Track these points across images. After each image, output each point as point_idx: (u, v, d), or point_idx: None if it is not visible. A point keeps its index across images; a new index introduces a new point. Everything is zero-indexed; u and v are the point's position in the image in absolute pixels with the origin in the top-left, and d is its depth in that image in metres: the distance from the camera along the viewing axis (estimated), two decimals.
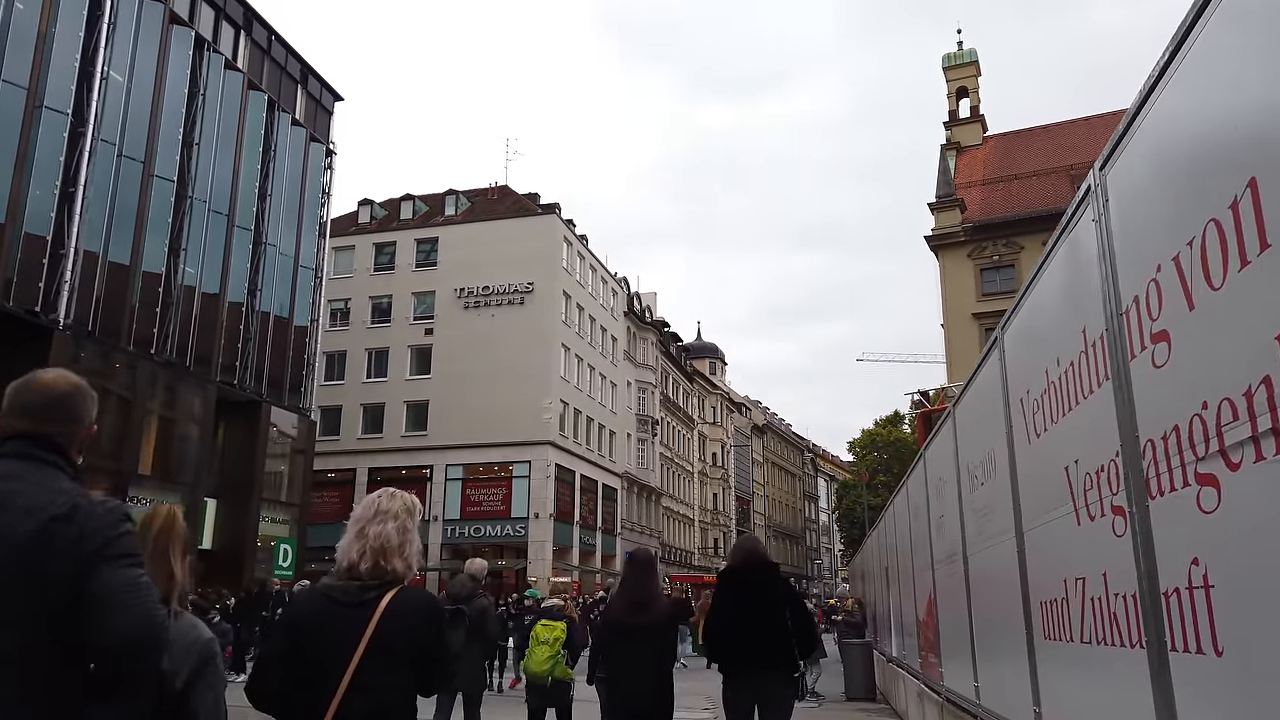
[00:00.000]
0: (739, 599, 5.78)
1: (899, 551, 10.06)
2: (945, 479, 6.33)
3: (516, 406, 41.10)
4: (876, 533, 13.95)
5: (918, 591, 8.41)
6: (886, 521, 11.82)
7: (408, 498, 2.99)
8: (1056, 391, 3.37)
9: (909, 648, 9.57)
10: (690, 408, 69.80)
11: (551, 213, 45.60)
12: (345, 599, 2.71)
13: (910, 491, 8.77)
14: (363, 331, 45.18)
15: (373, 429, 43.88)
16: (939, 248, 42.65)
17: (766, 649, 5.58)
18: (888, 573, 12.02)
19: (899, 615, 10.62)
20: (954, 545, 6.01)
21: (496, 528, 41.10)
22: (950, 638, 6.59)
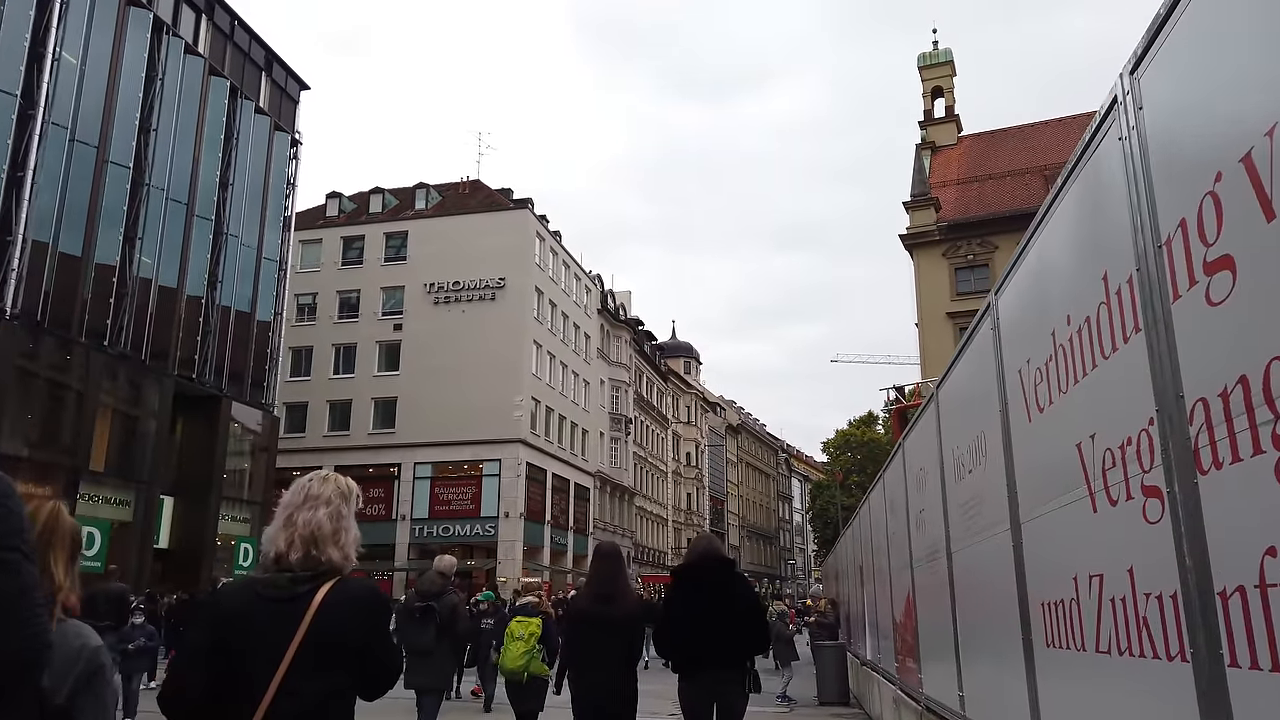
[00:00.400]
0: (693, 597, 5.68)
1: (875, 549, 9.59)
2: (927, 470, 5.84)
3: (487, 404, 40.39)
4: (851, 530, 13.50)
5: (895, 591, 7.93)
6: (862, 518, 11.36)
7: (343, 481, 2.75)
8: (1067, 356, 2.87)
9: (885, 650, 9.09)
10: (664, 407, 69.34)
11: (524, 208, 44.92)
12: (274, 593, 2.45)
13: (887, 486, 8.29)
14: (330, 327, 44.26)
15: (339, 426, 42.99)
16: (914, 247, 42.60)
17: (721, 647, 5.51)
18: (862, 572, 11.56)
19: (874, 616, 10.15)
20: (936, 542, 5.52)
21: (466, 527, 40.37)
22: (931, 641, 6.11)
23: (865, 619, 11.36)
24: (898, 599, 7.70)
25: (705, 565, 5.83)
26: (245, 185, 32.07)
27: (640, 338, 64.11)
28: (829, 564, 23.86)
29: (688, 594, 5.73)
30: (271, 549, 2.55)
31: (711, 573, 5.78)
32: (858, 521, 11.92)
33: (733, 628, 5.55)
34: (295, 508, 2.59)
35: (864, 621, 11.57)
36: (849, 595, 14.68)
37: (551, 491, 44.57)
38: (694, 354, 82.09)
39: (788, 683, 13.77)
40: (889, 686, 8.76)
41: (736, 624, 5.57)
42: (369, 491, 41.68)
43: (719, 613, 5.56)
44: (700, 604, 5.60)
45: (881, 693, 9.42)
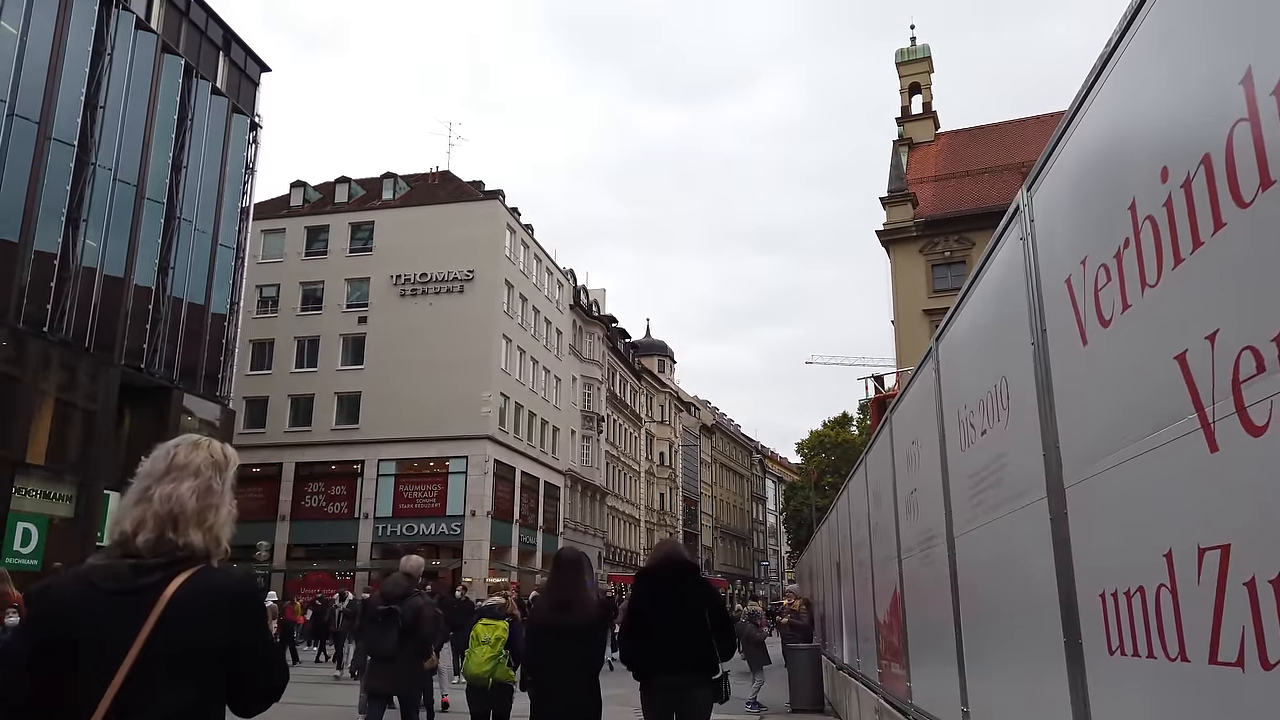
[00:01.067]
0: (656, 600, 5.58)
1: (855, 543, 8.71)
2: (921, 442, 4.95)
3: (454, 399, 39.28)
4: (827, 525, 12.63)
5: (878, 588, 7.05)
6: (839, 510, 10.48)
7: (218, 448, 2.33)
8: (1155, 235, 1.97)
9: (865, 654, 8.21)
10: (638, 405, 68.44)
11: (494, 199, 43.82)
12: (113, 585, 2.00)
13: (870, 470, 7.41)
14: (292, 319, 42.93)
15: (301, 421, 41.68)
16: (890, 243, 42.20)
17: (684, 652, 5.40)
18: (839, 568, 10.69)
19: (852, 616, 9.28)
20: (933, 527, 4.63)
21: (431, 526, 39.21)
22: (924, 645, 5.22)
23: (842, 620, 10.49)
24: (881, 596, 6.82)
25: (668, 569, 5.70)
26: (201, 169, 30.78)
27: (614, 335, 63.17)
28: (803, 563, 23.01)
29: (650, 598, 5.61)
30: (116, 529, 2.09)
31: (674, 577, 5.63)
32: (834, 514, 11.04)
33: (696, 633, 5.41)
34: (154, 479, 2.13)
35: (840, 622, 10.70)
36: (824, 595, 13.82)
37: (520, 490, 43.51)
38: (668, 353, 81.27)
39: (759, 688, 12.87)
40: (870, 695, 7.88)
41: (698, 628, 5.43)
42: (331, 489, 40.53)
43: (682, 618, 5.43)
44: (663, 609, 5.48)
45: (861, 700, 8.54)
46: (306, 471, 40.86)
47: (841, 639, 10.67)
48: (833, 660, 12.11)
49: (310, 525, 40.01)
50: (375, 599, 7.74)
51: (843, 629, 10.48)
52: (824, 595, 13.91)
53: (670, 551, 5.98)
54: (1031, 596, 2.97)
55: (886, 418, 6.31)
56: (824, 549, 13.43)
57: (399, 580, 7.61)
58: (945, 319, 4.36)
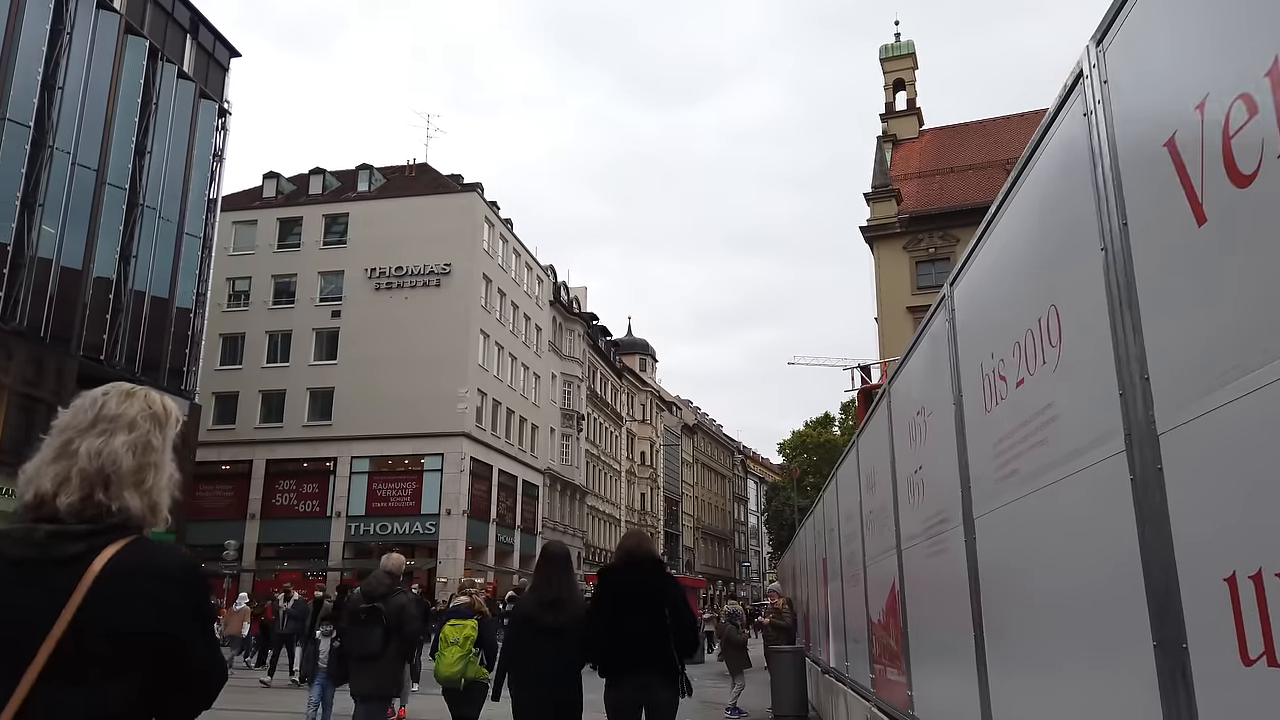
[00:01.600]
0: (619, 599, 5.45)
1: (844, 535, 7.99)
2: (931, 408, 4.23)
3: (430, 396, 38.39)
4: (812, 520, 11.91)
5: (872, 585, 6.34)
6: (827, 502, 9.77)
7: (156, 398, 1.86)
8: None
9: (855, 657, 7.50)
10: (619, 404, 67.68)
11: (472, 191, 42.94)
12: (26, 553, 1.58)
13: (863, 454, 6.69)
14: (264, 313, 41.88)
15: (272, 418, 40.64)
16: (874, 239, 41.80)
17: (650, 651, 5.27)
18: (825, 565, 9.98)
19: (840, 616, 8.57)
20: (943, 510, 3.92)
21: (405, 525, 38.28)
22: (929, 647, 4.50)
23: (829, 620, 9.77)
24: (876, 594, 6.10)
25: (632, 565, 5.56)
26: (166, 156, 29.79)
27: (595, 333, 62.40)
28: (785, 563, 22.33)
29: (614, 595, 5.48)
30: (30, 489, 1.67)
31: (639, 573, 5.51)
32: (821, 507, 10.32)
33: (662, 631, 5.28)
34: (78, 431, 1.71)
35: (827, 623, 9.98)
36: (808, 594, 13.12)
37: (498, 488, 42.65)
38: (650, 351, 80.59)
39: (739, 693, 12.12)
40: (861, 702, 7.17)
41: (664, 625, 5.29)
42: (302, 487, 39.57)
43: (646, 614, 5.30)
44: (627, 605, 5.36)
45: (849, 708, 7.82)
46: (277, 469, 39.85)
47: (828, 641, 9.96)
48: (817, 663, 11.40)
49: (281, 524, 39.00)
50: (356, 598, 7.55)
51: (829, 630, 9.77)
52: (808, 595, 13.21)
53: (635, 546, 5.75)
54: (1095, 585, 2.26)
55: (884, 390, 5.59)
56: (808, 545, 12.73)
57: (381, 578, 7.41)
58: (963, 258, 3.63)
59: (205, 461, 39.05)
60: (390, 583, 7.34)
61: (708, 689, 15.25)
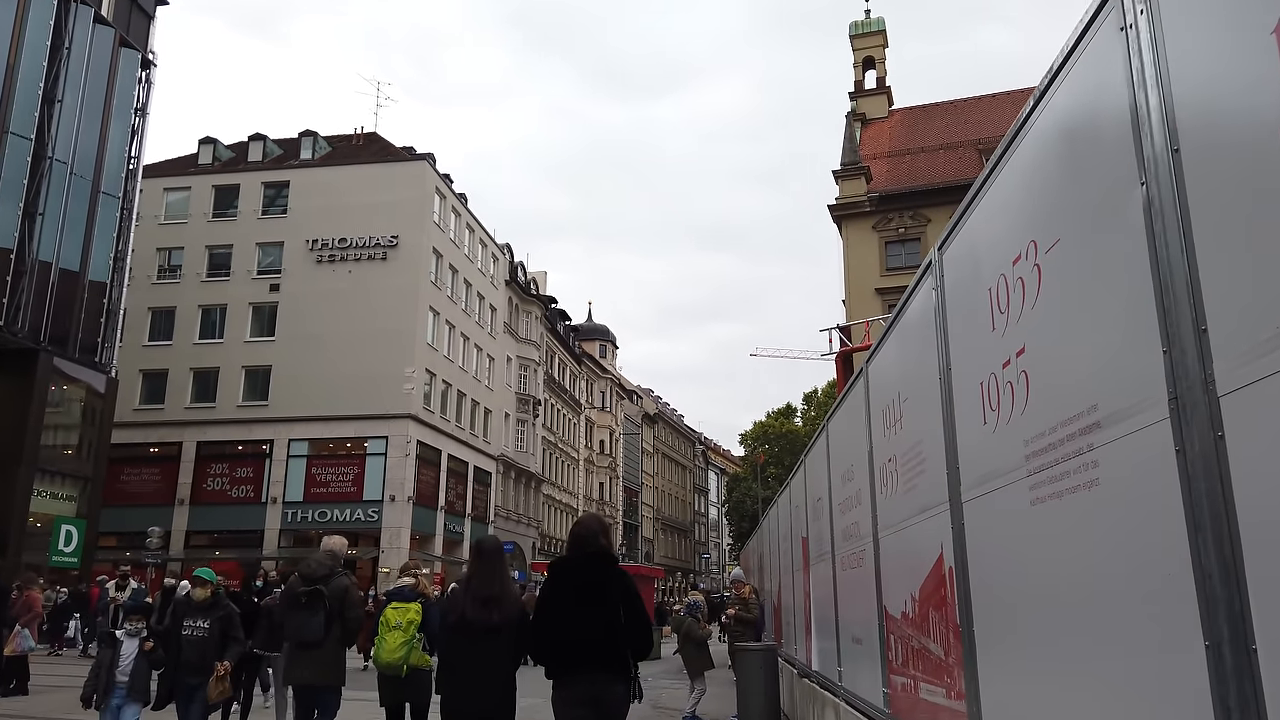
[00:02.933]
0: (568, 594, 5.05)
1: (840, 503, 6.16)
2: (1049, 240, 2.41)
3: (374, 375, 36.12)
4: (789, 493, 10.08)
5: (889, 562, 4.52)
6: (813, 464, 7.93)
7: None
8: None
9: (855, 663, 5.69)
10: (577, 391, 65.68)
11: (423, 160, 40.58)
12: None
13: (875, 384, 4.86)
14: (196, 286, 39.23)
15: (204, 397, 38.05)
16: (843, 218, 40.55)
17: (601, 650, 4.92)
18: (807, 546, 8.17)
19: (829, 609, 6.77)
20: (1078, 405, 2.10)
21: (346, 512, 35.97)
22: (1023, 653, 2.67)
23: (811, 613, 7.96)
24: (899, 575, 4.27)
25: (581, 558, 5.22)
26: (80, 107, 27.18)
27: (553, 316, 60.28)
28: (750, 550, 20.56)
29: (563, 590, 5.13)
30: None
31: (587, 566, 5.16)
32: (803, 474, 8.46)
33: (613, 629, 4.95)
34: None
35: (808, 616, 8.17)
36: (779, 583, 11.33)
37: (447, 474, 40.47)
38: (610, 338, 78.63)
39: (699, 699, 10.25)
40: (856, 718, 5.38)
41: (612, 624, 4.95)
42: (236, 471, 37.16)
43: (598, 610, 4.97)
44: (576, 601, 5.02)
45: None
46: (209, 451, 37.32)
47: (808, 638, 8.15)
48: (791, 664, 9.61)
49: (212, 510, 36.50)
50: (295, 581, 6.99)
51: (811, 625, 7.96)
52: (779, 584, 11.42)
53: (585, 538, 5.29)
54: None
55: (888, 329, 3.75)
56: (780, 526, 10.93)
57: (321, 560, 6.96)
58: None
59: (130, 443, 36.49)
60: (332, 565, 6.91)
61: (663, 690, 13.39)
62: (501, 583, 5.40)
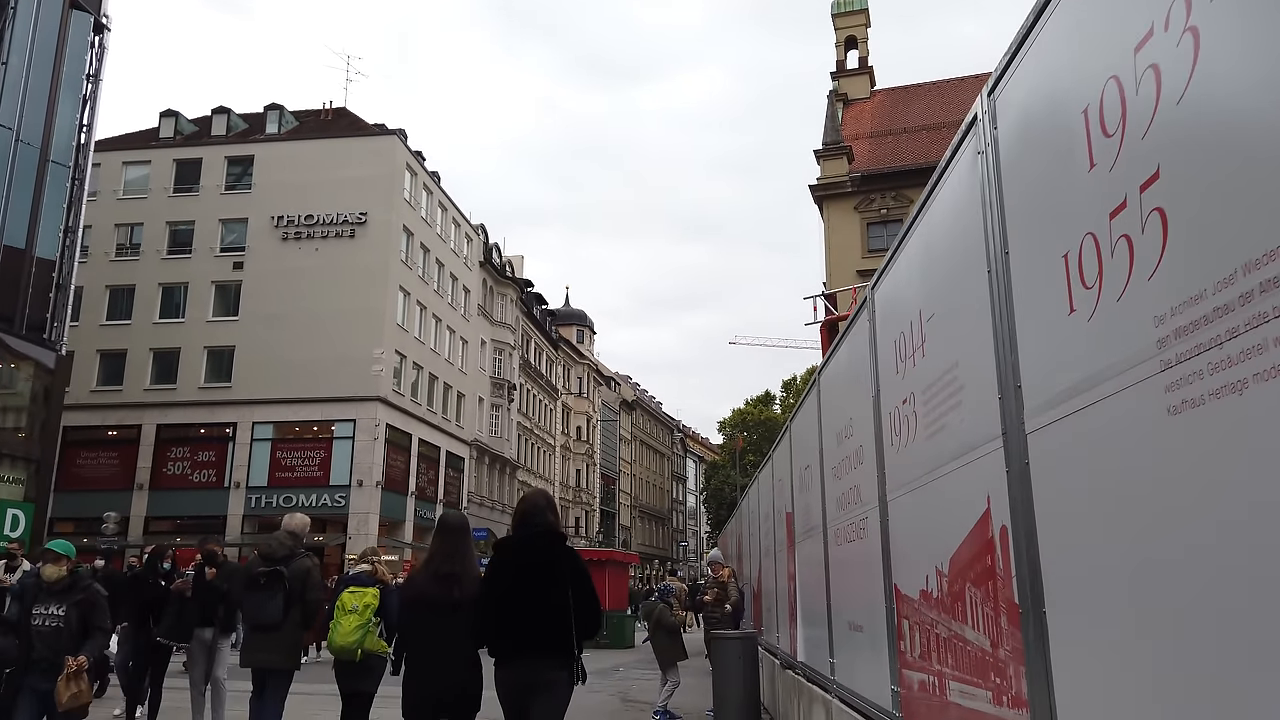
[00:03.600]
0: (513, 574, 4.84)
1: (832, 468, 5.27)
2: None
3: (341, 357, 34.93)
4: (771, 466, 9.20)
5: (900, 532, 3.63)
6: (799, 429, 7.04)
7: None
8: None
9: (851, 654, 4.81)
10: (554, 376, 64.62)
11: (393, 135, 39.27)
12: None
13: (883, 308, 3.95)
14: (156, 263, 37.79)
15: (164, 379, 36.68)
16: (824, 199, 39.85)
17: (541, 632, 4.72)
18: (792, 522, 7.29)
19: (817, 593, 5.89)
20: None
21: (312, 496, 34.79)
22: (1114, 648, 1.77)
23: (796, 597, 7.08)
24: (916, 548, 3.38)
25: (527, 537, 4.96)
26: (27, 69, 25.77)
27: (529, 300, 59.14)
28: (728, 533, 19.69)
29: (507, 570, 4.88)
30: None
31: (533, 546, 4.90)
32: (788, 441, 7.55)
33: (553, 610, 4.70)
34: None
35: (793, 602, 7.29)
36: (760, 566, 10.46)
37: (418, 459, 39.37)
38: (588, 323, 77.54)
39: (671, 692, 9.35)
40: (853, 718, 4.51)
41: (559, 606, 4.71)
42: (198, 455, 35.90)
43: (544, 591, 4.74)
44: (520, 581, 4.80)
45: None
46: (170, 435, 36.00)
47: (792, 625, 7.27)
48: (773, 654, 8.74)
49: (173, 495, 35.21)
50: (254, 561, 6.79)
51: (795, 610, 7.08)
52: (760, 567, 10.55)
53: (531, 515, 5.06)
54: None
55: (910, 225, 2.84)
56: (760, 505, 10.05)
57: (282, 540, 6.75)
58: None
59: (87, 426, 35.20)
60: (293, 544, 6.70)
61: (633, 683, 12.51)
62: (464, 560, 5.20)
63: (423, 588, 5.11)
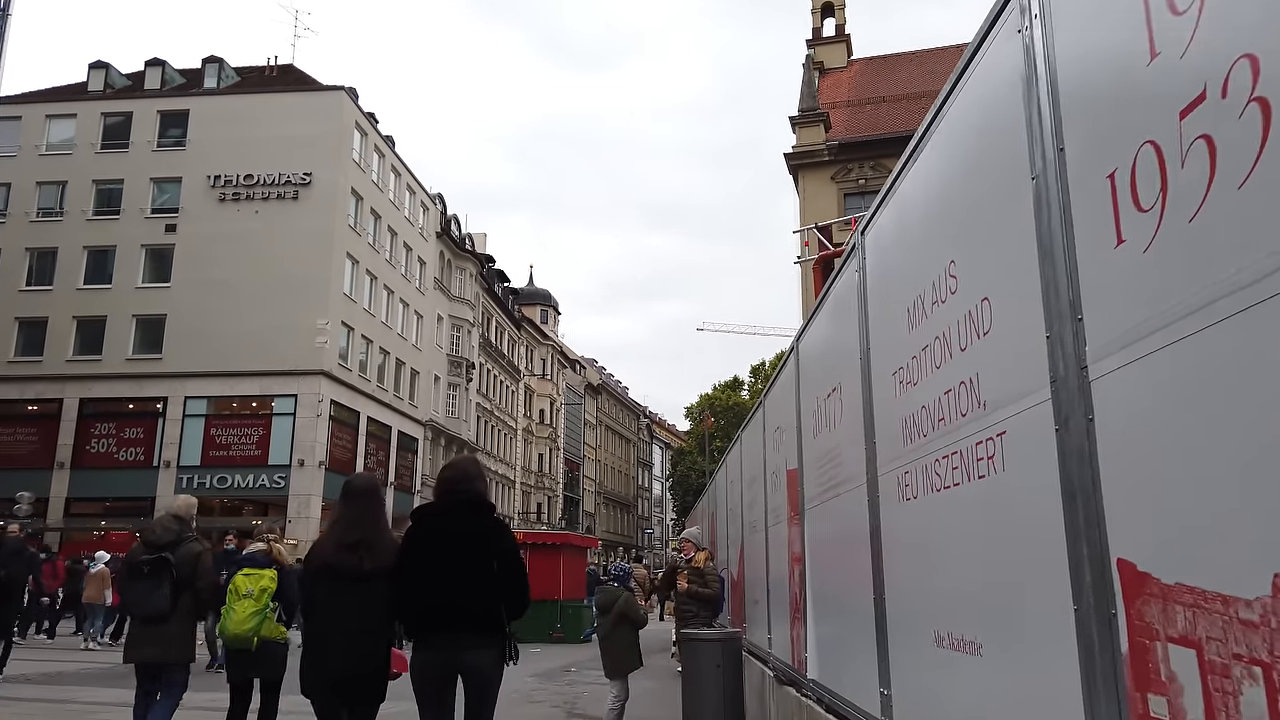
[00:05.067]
0: (433, 544, 4.40)
1: (877, 398, 3.16)
2: None
3: (282, 327, 32.40)
4: (757, 421, 7.11)
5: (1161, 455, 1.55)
6: (808, 357, 4.94)
7: None
8: None
9: (956, 685, 2.72)
10: (516, 357, 62.26)
11: (340, 89, 36.61)
12: None
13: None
14: (81, 225, 34.90)
15: (89, 349, 33.91)
16: (799, 168, 38.05)
17: (465, 607, 4.30)
18: (799, 485, 5.19)
19: (843, 577, 3.82)
20: None
21: (249, 477, 32.31)
22: None
23: (805, 586, 4.99)
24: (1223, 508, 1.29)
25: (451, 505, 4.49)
26: None
27: (490, 276, 56.68)
28: (698, 514, 17.62)
29: (427, 540, 4.42)
30: None
31: (459, 515, 4.45)
32: (794, 371, 5.42)
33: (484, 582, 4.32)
34: None
35: (798, 592, 5.20)
36: (744, 548, 8.40)
37: (366, 439, 36.93)
38: (553, 303, 75.15)
39: (621, 710, 7.16)
40: None
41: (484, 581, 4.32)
42: (124, 431, 33.25)
43: (467, 563, 4.33)
44: (442, 553, 4.34)
45: None
46: (94, 409, 33.28)
47: (797, 626, 5.18)
48: (762, 660, 6.67)
49: (98, 475, 32.50)
50: (137, 549, 6.20)
51: (804, 604, 4.99)
52: (739, 549, 8.48)
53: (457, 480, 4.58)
54: None
55: None
56: (748, 469, 7.97)
57: (166, 523, 6.24)
58: None
59: (3, 400, 32.61)
60: (179, 528, 6.22)
61: (584, 689, 10.39)
62: (373, 526, 4.70)
63: (327, 557, 4.60)
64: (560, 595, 19.50)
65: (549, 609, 18.58)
